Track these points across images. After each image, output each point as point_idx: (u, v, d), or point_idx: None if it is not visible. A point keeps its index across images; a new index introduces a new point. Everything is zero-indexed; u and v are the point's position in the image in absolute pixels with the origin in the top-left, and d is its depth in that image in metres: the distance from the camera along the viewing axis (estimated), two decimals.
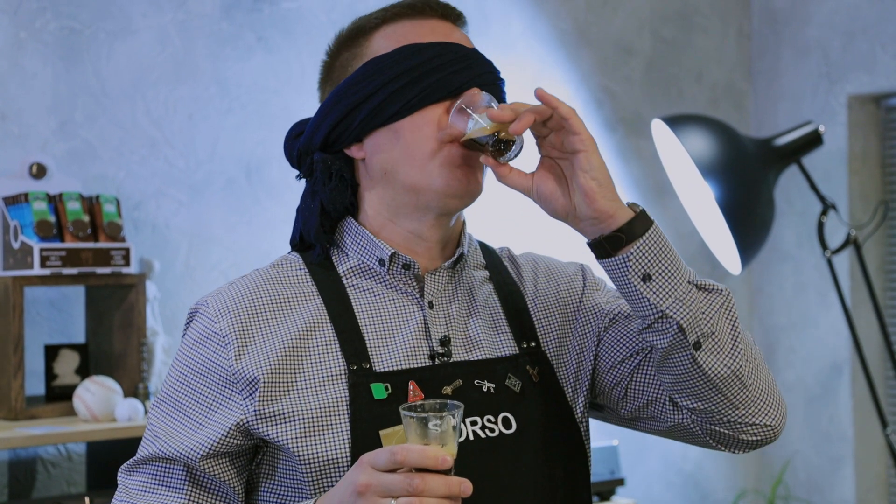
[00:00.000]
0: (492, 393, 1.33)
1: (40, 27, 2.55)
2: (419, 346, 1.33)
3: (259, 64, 2.82)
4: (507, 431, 1.32)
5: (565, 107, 1.26)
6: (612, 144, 3.41)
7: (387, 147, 1.33)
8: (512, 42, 3.23)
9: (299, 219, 1.40)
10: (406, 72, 1.32)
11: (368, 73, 1.33)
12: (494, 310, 1.40)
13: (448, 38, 1.35)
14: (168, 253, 2.67)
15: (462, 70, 1.33)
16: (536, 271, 1.47)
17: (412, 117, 1.32)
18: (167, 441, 1.30)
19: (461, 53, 1.34)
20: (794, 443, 3.64)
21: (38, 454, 2.46)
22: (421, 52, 1.32)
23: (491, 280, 1.43)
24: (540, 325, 1.41)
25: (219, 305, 1.32)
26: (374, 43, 1.36)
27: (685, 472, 3.57)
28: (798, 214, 3.61)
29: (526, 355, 1.37)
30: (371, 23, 1.37)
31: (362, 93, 1.33)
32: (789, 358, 3.66)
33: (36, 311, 2.49)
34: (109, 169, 2.61)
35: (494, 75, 1.36)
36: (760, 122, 3.73)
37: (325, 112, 1.36)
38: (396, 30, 1.36)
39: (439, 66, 1.32)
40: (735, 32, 3.70)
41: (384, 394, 1.29)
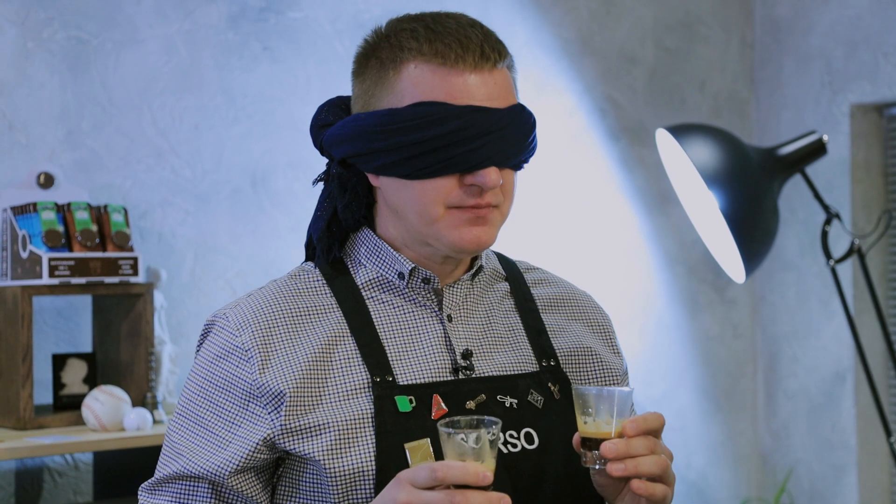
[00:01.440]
0: (514, 408, 1.33)
1: (48, 37, 2.56)
2: (441, 359, 1.34)
3: (265, 74, 2.83)
4: (530, 447, 1.32)
5: None
6: (615, 154, 3.42)
7: (398, 194, 1.33)
8: (516, 51, 3.22)
9: (312, 219, 1.41)
10: (423, 141, 1.28)
11: (386, 125, 1.30)
12: (515, 325, 1.40)
13: (476, 97, 1.29)
14: (174, 262, 2.68)
15: (482, 147, 1.29)
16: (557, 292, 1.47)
17: (422, 182, 1.30)
18: (191, 458, 1.29)
19: (484, 128, 1.29)
20: (798, 451, 3.64)
21: (44, 463, 2.46)
22: (441, 123, 1.28)
23: (512, 294, 1.43)
24: (558, 346, 1.41)
25: (239, 318, 1.32)
26: (402, 79, 1.31)
27: (689, 481, 3.58)
28: (801, 223, 3.62)
29: (547, 372, 1.38)
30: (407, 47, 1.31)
31: (377, 143, 1.30)
32: (792, 367, 3.66)
33: (43, 321, 2.50)
34: (116, 178, 2.62)
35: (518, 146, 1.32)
36: (763, 131, 3.73)
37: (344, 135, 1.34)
38: (426, 76, 1.30)
39: (458, 141, 1.28)
40: (738, 41, 3.72)
41: (409, 406, 1.29)
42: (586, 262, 3.36)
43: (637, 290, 3.48)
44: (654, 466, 1.24)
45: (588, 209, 3.37)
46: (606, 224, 3.41)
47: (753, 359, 3.74)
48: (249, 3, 2.82)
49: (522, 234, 3.21)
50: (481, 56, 1.30)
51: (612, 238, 3.43)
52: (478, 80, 1.30)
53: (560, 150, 3.32)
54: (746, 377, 3.72)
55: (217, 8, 2.78)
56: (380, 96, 1.32)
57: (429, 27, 1.32)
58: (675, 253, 3.55)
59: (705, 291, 3.63)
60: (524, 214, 3.23)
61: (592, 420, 1.26)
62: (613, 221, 3.43)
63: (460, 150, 1.28)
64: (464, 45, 1.30)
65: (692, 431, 3.59)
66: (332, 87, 2.86)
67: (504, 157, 1.31)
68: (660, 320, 3.53)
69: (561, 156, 3.32)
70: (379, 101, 1.32)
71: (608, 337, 1.48)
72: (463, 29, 1.31)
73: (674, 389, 3.56)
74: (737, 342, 3.71)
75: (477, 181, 1.29)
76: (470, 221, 1.31)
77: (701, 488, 3.60)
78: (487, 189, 1.30)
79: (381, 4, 2.96)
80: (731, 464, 3.67)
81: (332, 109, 1.40)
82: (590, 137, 3.38)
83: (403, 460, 1.27)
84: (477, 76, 1.30)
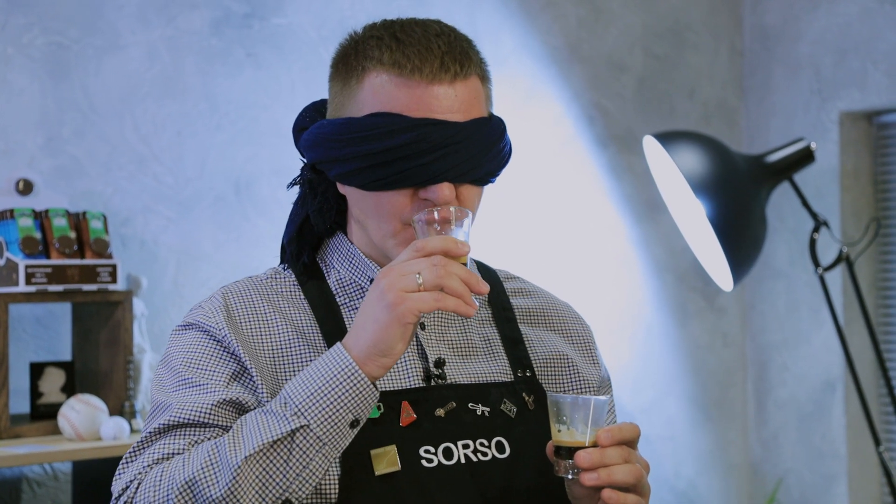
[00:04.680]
0: (486, 416, 1.32)
1: (27, 42, 2.54)
2: (413, 366, 1.33)
3: (249, 80, 2.81)
4: (501, 456, 1.31)
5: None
6: (603, 161, 3.40)
7: (359, 204, 1.32)
8: (503, 58, 3.23)
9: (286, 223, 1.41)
10: (378, 153, 1.27)
11: (343, 134, 1.29)
12: (491, 334, 1.39)
13: (434, 110, 1.27)
14: (156, 270, 2.66)
15: (435, 161, 1.26)
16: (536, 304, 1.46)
17: (378, 194, 1.29)
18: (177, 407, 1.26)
19: (437, 142, 1.26)
20: (788, 461, 3.62)
21: (23, 473, 2.44)
22: (395, 135, 1.26)
23: (490, 303, 1.42)
24: (535, 357, 1.40)
25: (214, 305, 1.32)
26: (363, 88, 1.29)
27: (678, 490, 3.55)
28: (790, 231, 3.60)
29: (522, 382, 1.36)
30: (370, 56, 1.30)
31: (335, 152, 1.29)
32: (782, 375, 3.65)
33: (22, 329, 2.47)
34: (97, 185, 2.59)
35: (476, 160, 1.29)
36: (752, 138, 3.72)
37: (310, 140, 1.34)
38: (385, 86, 1.28)
39: (410, 154, 1.26)
40: (727, 49, 3.70)
41: (377, 413, 1.28)
42: (574, 270, 3.34)
43: (626, 298, 3.46)
44: (627, 476, 1.22)
45: (576, 217, 3.35)
46: (595, 232, 3.39)
47: (743, 367, 3.72)
48: (233, 10, 2.80)
49: (510, 242, 3.19)
50: (440, 67, 1.28)
51: (600, 246, 3.41)
52: (436, 91, 1.28)
53: (548, 158, 3.30)
54: (736, 386, 3.70)
55: (200, 14, 2.76)
56: (344, 105, 1.32)
57: (395, 36, 1.30)
58: (664, 261, 3.53)
59: (695, 300, 3.61)
60: (512, 223, 3.21)
61: (567, 428, 1.24)
62: (602, 229, 3.41)
63: (413, 163, 1.26)
64: (422, 56, 1.28)
65: (681, 440, 3.57)
66: (317, 94, 2.81)
67: (459, 172, 1.28)
68: (649, 329, 3.51)
69: (549, 163, 3.30)
70: (343, 109, 1.32)
71: (587, 348, 1.46)
72: (427, 39, 1.29)
73: (663, 398, 3.54)
74: (726, 351, 3.69)
75: (429, 196, 1.27)
76: None
77: (690, 498, 3.58)
78: (440, 204, 1.27)
79: (367, 10, 2.94)
80: (720, 473, 3.65)
81: (312, 113, 1.40)
82: (578, 145, 3.37)
83: (369, 466, 1.26)
84: (436, 88, 1.28)
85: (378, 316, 1.19)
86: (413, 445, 1.28)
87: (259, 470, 1.18)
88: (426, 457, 1.28)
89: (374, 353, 1.20)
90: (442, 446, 1.29)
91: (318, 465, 1.20)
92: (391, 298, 1.18)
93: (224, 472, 1.18)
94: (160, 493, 1.19)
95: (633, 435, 1.25)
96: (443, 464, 1.28)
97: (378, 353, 1.20)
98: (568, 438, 1.24)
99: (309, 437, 1.19)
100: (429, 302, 1.18)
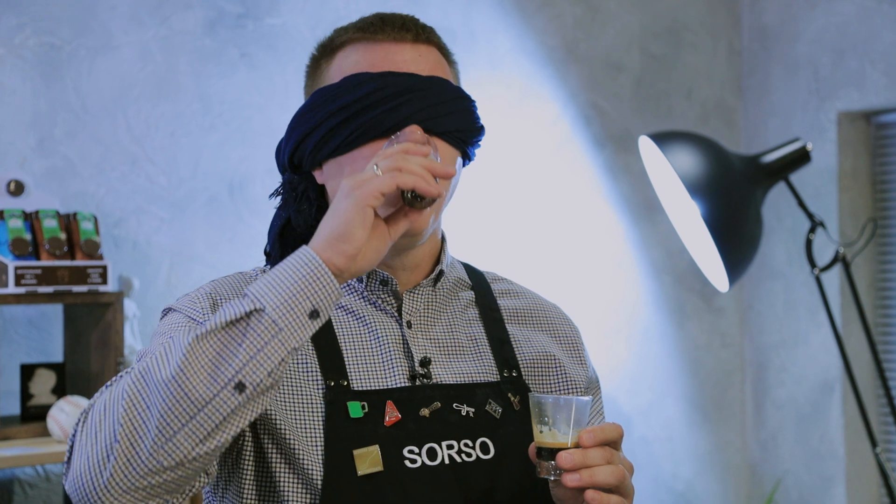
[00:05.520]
0: (471, 417, 1.31)
1: (19, 43, 2.53)
2: (399, 365, 1.32)
3: (242, 80, 2.80)
4: (485, 457, 1.30)
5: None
6: (601, 161, 3.39)
7: (336, 177, 1.33)
8: (499, 58, 3.22)
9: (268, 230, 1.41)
10: (345, 107, 1.29)
11: (316, 103, 1.32)
12: (478, 334, 1.39)
13: (398, 64, 1.32)
14: (149, 271, 2.65)
15: (400, 106, 1.29)
16: (523, 304, 1.45)
17: (352, 154, 1.30)
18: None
19: (402, 87, 1.29)
20: (786, 462, 3.61)
21: (15, 475, 2.43)
22: (360, 86, 1.30)
23: (477, 303, 1.41)
24: (521, 357, 1.39)
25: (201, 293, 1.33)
26: (332, 66, 1.35)
27: (676, 492, 3.54)
28: (788, 231, 3.59)
29: (508, 383, 1.36)
30: (336, 41, 1.36)
31: (309, 124, 1.32)
32: (780, 376, 3.63)
33: (14, 330, 2.47)
34: (90, 186, 2.59)
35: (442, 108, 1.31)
36: (750, 138, 3.71)
37: (288, 134, 1.36)
38: (350, 55, 1.33)
39: (376, 101, 1.29)
40: (725, 49, 3.69)
41: (360, 413, 1.27)
42: (571, 271, 3.33)
43: (623, 299, 3.45)
44: (610, 477, 1.21)
45: (573, 218, 3.34)
46: (591, 232, 3.38)
47: (741, 368, 3.71)
48: (227, 10, 2.80)
49: (506, 243, 3.18)
50: (402, 28, 1.34)
51: (597, 247, 3.39)
52: (399, 49, 1.33)
53: (544, 158, 3.29)
54: (734, 387, 3.69)
55: (194, 14, 2.75)
56: (315, 86, 1.36)
57: (360, 19, 1.36)
58: (662, 262, 3.52)
59: (692, 300, 3.60)
60: (508, 224, 3.20)
61: (549, 429, 1.23)
62: (598, 230, 3.40)
63: (379, 110, 1.29)
64: (385, 20, 1.34)
65: (679, 442, 3.55)
66: None
67: (426, 116, 1.30)
68: (646, 330, 3.50)
69: (545, 164, 3.29)
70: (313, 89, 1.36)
71: (575, 348, 1.45)
72: (390, 16, 1.35)
73: (661, 399, 3.52)
74: (724, 351, 3.67)
75: (400, 141, 1.27)
76: None
77: (688, 499, 3.57)
78: None
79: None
80: (718, 474, 3.63)
81: None
82: (574, 145, 3.35)
83: (351, 466, 1.25)
84: (397, 46, 1.33)
85: (337, 206, 1.18)
86: (397, 445, 1.27)
87: (211, 351, 1.13)
88: (410, 457, 1.27)
89: (332, 239, 1.17)
90: (426, 446, 1.28)
91: (273, 350, 1.13)
92: (349, 186, 1.18)
93: (175, 352, 1.13)
94: (115, 391, 1.16)
95: (616, 435, 1.24)
96: (426, 464, 1.28)
97: (337, 239, 1.16)
98: (550, 439, 1.23)
99: (264, 321, 1.13)
100: (385, 181, 1.17)
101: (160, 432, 1.12)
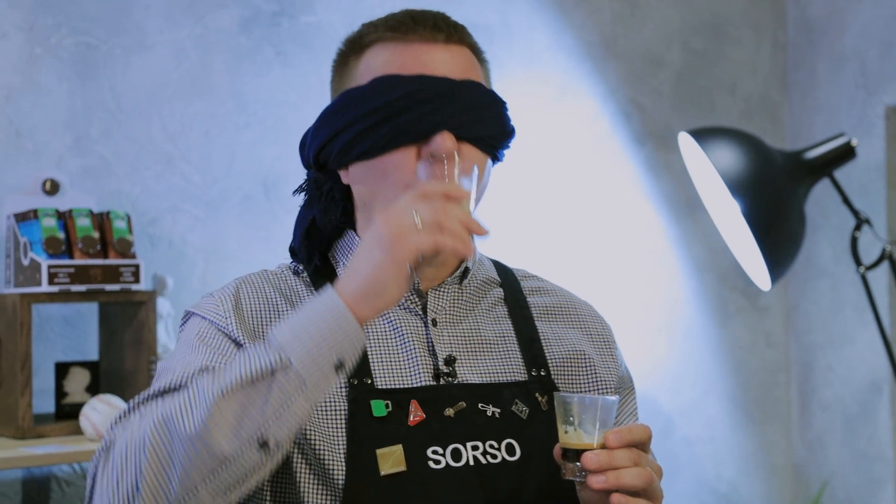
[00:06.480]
0: (496, 418, 1.28)
1: (55, 43, 2.55)
2: (424, 364, 1.30)
3: (277, 78, 2.80)
4: (511, 458, 1.27)
5: None
6: (640, 158, 3.34)
7: (363, 181, 1.31)
8: (537, 55, 3.18)
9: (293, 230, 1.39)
10: (375, 110, 1.26)
11: (344, 104, 1.29)
12: (506, 332, 1.36)
13: (429, 66, 1.28)
14: (184, 269, 2.65)
15: (432, 112, 1.26)
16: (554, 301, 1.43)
17: (381, 158, 1.27)
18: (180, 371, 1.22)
19: (433, 92, 1.26)
20: (833, 463, 3.54)
21: (52, 472, 2.45)
22: (392, 90, 1.27)
23: (506, 301, 1.39)
24: (551, 356, 1.36)
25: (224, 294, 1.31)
26: (361, 65, 1.31)
27: (719, 493, 3.49)
28: (834, 229, 3.52)
29: (536, 382, 1.33)
30: (366, 39, 1.32)
31: (336, 125, 1.29)
32: (827, 376, 3.56)
33: (51, 328, 2.48)
34: (125, 185, 2.59)
35: (474, 114, 1.28)
36: (796, 134, 3.64)
37: (314, 132, 1.34)
38: (380, 54, 1.30)
39: (407, 106, 1.26)
40: (769, 43, 3.63)
41: (384, 412, 1.25)
42: (610, 269, 3.29)
43: (663, 297, 3.40)
44: (636, 479, 1.18)
45: (612, 215, 3.30)
46: (631, 230, 3.34)
47: (787, 368, 3.64)
48: (262, 8, 2.79)
49: (544, 240, 3.15)
50: (434, 28, 1.30)
51: (636, 245, 3.35)
52: (431, 51, 1.29)
53: (582, 156, 3.25)
54: (779, 387, 3.63)
55: (229, 12, 2.75)
56: (343, 84, 1.33)
57: (388, 16, 1.33)
58: (704, 260, 3.47)
59: (736, 299, 3.54)
60: (546, 222, 3.17)
61: (574, 429, 1.20)
62: (638, 228, 3.35)
63: (410, 115, 1.26)
64: (416, 19, 1.30)
65: (722, 442, 3.50)
66: None
67: (458, 123, 1.27)
68: (688, 328, 3.45)
69: (583, 161, 3.25)
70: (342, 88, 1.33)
71: (607, 346, 1.42)
72: (420, 13, 1.32)
73: (702, 399, 3.47)
74: (769, 351, 3.61)
75: (432, 149, 1.25)
76: None
77: (732, 501, 3.51)
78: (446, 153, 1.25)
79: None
80: (763, 476, 3.57)
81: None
82: (613, 142, 3.31)
83: (374, 466, 1.23)
84: (429, 47, 1.29)
85: (373, 255, 1.12)
86: (420, 445, 1.25)
87: (236, 406, 1.10)
88: (433, 457, 1.25)
89: (366, 293, 1.12)
90: (450, 447, 1.26)
91: (299, 406, 1.11)
92: (387, 237, 1.12)
93: (200, 406, 1.10)
94: (136, 433, 1.13)
95: (644, 436, 1.20)
96: (450, 465, 1.26)
97: (371, 294, 1.12)
98: (575, 440, 1.20)
99: (290, 376, 1.11)
100: (426, 241, 1.11)
101: (182, 486, 1.11)
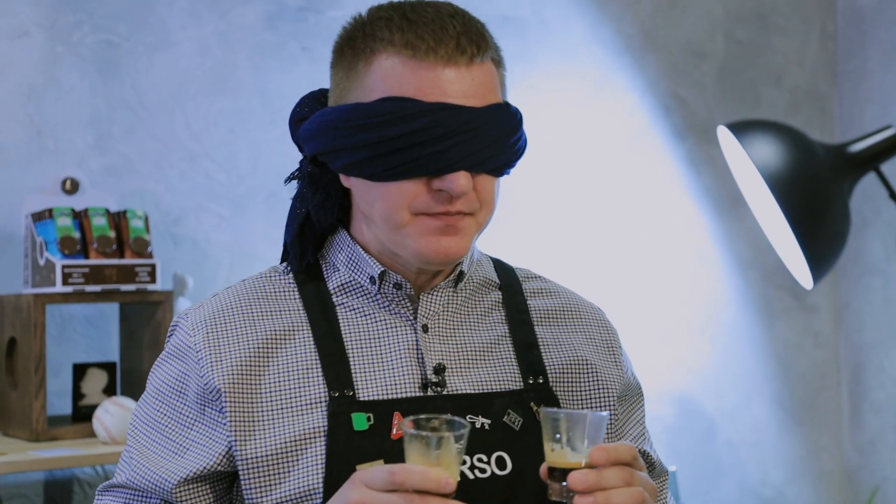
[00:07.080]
0: (486, 430, 1.22)
1: (77, 41, 2.52)
2: (410, 373, 1.24)
3: (303, 74, 2.75)
4: (501, 472, 1.21)
5: None
6: (681, 153, 3.25)
7: (365, 196, 1.24)
8: (573, 48, 3.10)
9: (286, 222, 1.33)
10: (389, 140, 1.18)
11: (353, 120, 1.20)
12: (502, 338, 1.29)
13: (450, 94, 1.19)
14: (209, 268, 2.62)
15: (451, 148, 1.18)
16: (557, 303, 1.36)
17: (387, 184, 1.20)
18: (142, 466, 1.23)
19: (454, 126, 1.18)
20: (885, 468, 3.42)
21: (74, 474, 2.43)
22: (407, 120, 1.18)
23: (504, 305, 1.32)
24: (550, 362, 1.29)
25: (197, 318, 1.26)
26: (372, 72, 1.21)
27: (764, 498, 3.38)
28: (886, 225, 3.40)
29: (532, 390, 1.26)
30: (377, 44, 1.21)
31: (343, 141, 1.21)
32: (879, 377, 3.44)
33: (72, 328, 2.46)
34: (148, 183, 2.57)
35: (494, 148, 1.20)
36: (846, 127, 3.52)
37: (312, 130, 1.26)
38: (395, 68, 1.19)
39: (425, 141, 1.18)
40: (818, 33, 3.51)
41: (365, 425, 1.20)
42: (651, 267, 3.20)
43: (705, 295, 3.30)
44: (628, 500, 1.10)
45: (651, 212, 3.21)
46: (671, 227, 3.24)
47: (837, 369, 3.52)
48: (287, 3, 2.75)
49: (581, 237, 3.07)
50: (456, 48, 1.19)
51: (677, 242, 3.25)
52: (452, 75, 1.19)
53: (620, 151, 3.16)
54: (829, 389, 3.51)
55: (253, 8, 2.71)
56: (350, 89, 1.23)
57: (405, 16, 1.21)
58: (749, 257, 3.36)
59: (782, 298, 3.43)
60: (584, 219, 3.09)
61: (560, 447, 1.12)
62: (679, 224, 3.26)
63: (427, 150, 1.18)
64: (437, 37, 1.19)
65: (768, 446, 3.39)
66: None
67: (476, 161, 1.19)
68: (731, 328, 3.34)
69: (621, 157, 3.16)
70: (349, 95, 1.23)
71: (611, 350, 1.35)
72: (440, 19, 1.20)
73: (747, 402, 3.37)
74: (818, 352, 3.49)
75: (444, 186, 1.19)
76: (438, 230, 1.20)
77: None
78: (456, 195, 1.19)
79: None
80: (811, 481, 3.46)
81: (310, 102, 1.32)
82: (653, 137, 3.22)
83: None
84: (451, 71, 1.19)
85: None
86: (403, 460, 1.19)
87: None
88: None
89: None
90: None
91: None
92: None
93: None
94: None
95: (629, 457, 1.13)
96: None
97: None
98: (561, 458, 1.12)
99: None
100: None
101: None
